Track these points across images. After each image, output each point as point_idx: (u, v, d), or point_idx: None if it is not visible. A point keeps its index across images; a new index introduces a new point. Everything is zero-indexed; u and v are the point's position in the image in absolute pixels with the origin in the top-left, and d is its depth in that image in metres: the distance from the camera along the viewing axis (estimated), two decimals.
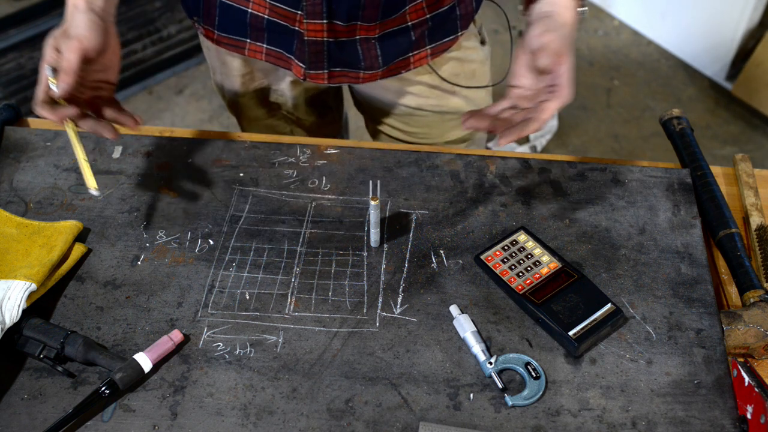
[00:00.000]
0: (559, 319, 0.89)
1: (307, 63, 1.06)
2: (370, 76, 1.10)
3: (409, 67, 1.11)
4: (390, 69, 1.10)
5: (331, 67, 1.07)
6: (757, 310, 0.91)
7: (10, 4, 2.77)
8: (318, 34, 1.02)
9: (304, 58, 1.05)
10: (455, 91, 1.21)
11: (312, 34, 1.02)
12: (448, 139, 1.28)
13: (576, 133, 2.54)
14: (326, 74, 1.08)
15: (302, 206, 1.04)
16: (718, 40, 2.60)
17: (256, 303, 0.93)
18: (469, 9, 1.12)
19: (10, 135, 1.12)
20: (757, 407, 0.80)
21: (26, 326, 0.88)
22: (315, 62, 1.06)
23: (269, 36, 1.07)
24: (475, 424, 0.83)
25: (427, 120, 1.24)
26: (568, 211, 1.03)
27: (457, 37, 1.12)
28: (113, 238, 1.00)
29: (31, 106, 0.95)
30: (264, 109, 1.30)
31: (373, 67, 1.08)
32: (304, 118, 1.33)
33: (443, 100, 1.21)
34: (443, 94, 1.20)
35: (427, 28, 1.07)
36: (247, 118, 1.32)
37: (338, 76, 1.09)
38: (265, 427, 0.83)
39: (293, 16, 1.01)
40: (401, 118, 1.25)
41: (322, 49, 1.04)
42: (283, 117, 1.32)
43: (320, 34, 1.02)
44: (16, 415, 0.83)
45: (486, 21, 1.25)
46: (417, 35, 1.08)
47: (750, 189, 1.08)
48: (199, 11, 1.10)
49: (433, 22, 1.07)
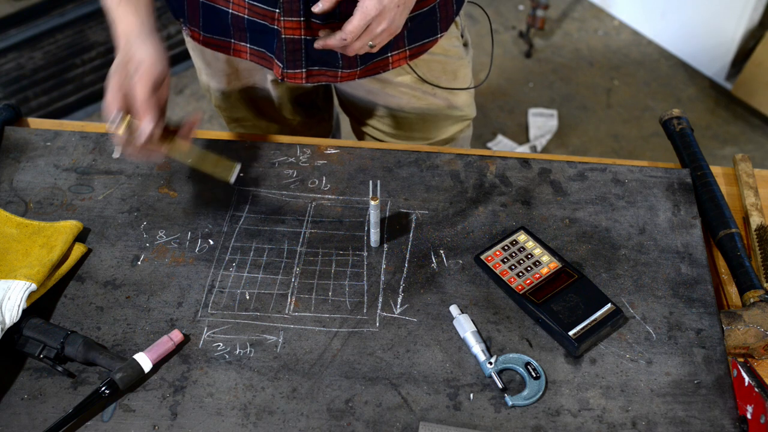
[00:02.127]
0: (559, 319, 0.89)
1: (285, 62, 1.05)
2: (348, 75, 1.09)
3: (388, 68, 1.11)
4: (368, 68, 1.10)
5: (308, 65, 1.06)
6: (757, 310, 0.91)
7: (10, 4, 2.77)
8: (295, 32, 1.01)
9: (282, 57, 1.05)
10: (436, 92, 1.20)
11: (289, 32, 1.01)
12: (432, 140, 1.28)
13: (576, 133, 2.54)
14: (304, 73, 1.07)
15: (302, 206, 1.04)
16: (718, 40, 2.60)
17: (256, 303, 0.93)
18: (450, 11, 1.11)
19: (10, 135, 1.12)
20: (757, 407, 0.80)
21: (26, 326, 0.88)
22: (292, 61, 1.05)
23: (251, 36, 1.06)
24: (475, 424, 0.83)
25: (409, 121, 1.24)
26: (568, 211, 1.03)
27: (437, 38, 1.12)
28: (113, 238, 1.00)
29: (109, 147, 0.88)
30: (251, 110, 1.30)
31: (351, 66, 1.08)
32: (291, 118, 1.32)
33: (424, 101, 1.21)
34: (424, 95, 1.20)
35: (406, 29, 1.07)
36: (234, 118, 1.32)
37: (316, 74, 1.08)
38: (265, 427, 0.83)
39: (271, 14, 1.01)
40: (383, 119, 1.25)
41: (300, 47, 1.03)
42: (270, 116, 1.31)
43: (297, 32, 1.01)
44: (16, 415, 0.83)
45: (484, 22, 1.25)
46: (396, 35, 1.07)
47: (750, 189, 1.08)
48: (184, 12, 1.10)
49: (412, 23, 1.06)
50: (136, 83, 0.86)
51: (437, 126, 1.26)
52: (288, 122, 1.33)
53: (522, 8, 2.99)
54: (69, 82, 2.62)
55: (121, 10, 0.90)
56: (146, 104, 0.85)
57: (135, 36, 0.88)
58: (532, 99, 2.64)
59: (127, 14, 0.90)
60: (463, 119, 1.28)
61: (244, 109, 1.29)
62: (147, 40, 0.88)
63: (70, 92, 2.60)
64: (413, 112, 1.22)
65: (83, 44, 2.71)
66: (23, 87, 2.58)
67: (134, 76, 0.86)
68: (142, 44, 0.88)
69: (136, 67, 0.86)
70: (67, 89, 2.60)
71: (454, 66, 1.20)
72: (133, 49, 0.88)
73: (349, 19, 0.92)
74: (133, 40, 0.88)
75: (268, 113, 1.31)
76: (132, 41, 0.88)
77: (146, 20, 0.91)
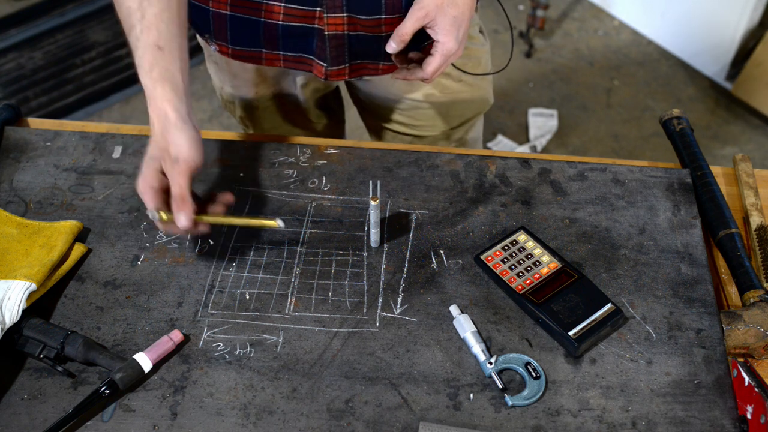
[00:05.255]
0: (559, 319, 0.89)
1: (329, 60, 1.05)
2: (389, 67, 1.10)
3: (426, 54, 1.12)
4: None
5: (351, 60, 1.07)
6: (757, 310, 0.91)
7: (10, 4, 2.77)
8: (339, 28, 1.02)
9: (325, 56, 1.05)
10: (462, 79, 1.21)
11: (332, 28, 1.02)
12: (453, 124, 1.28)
13: (576, 133, 2.54)
14: (347, 68, 1.08)
15: (302, 206, 1.04)
16: (718, 40, 2.60)
17: (256, 303, 0.93)
18: None
19: (10, 135, 1.12)
20: (757, 407, 0.80)
21: (26, 326, 0.88)
22: (336, 57, 1.05)
23: (284, 42, 1.06)
24: (475, 424, 0.83)
25: (432, 112, 1.24)
26: (568, 211, 1.03)
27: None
28: (113, 238, 1.00)
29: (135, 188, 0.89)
30: (279, 116, 1.30)
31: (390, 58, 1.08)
32: (316, 121, 1.33)
33: (450, 90, 1.22)
34: (451, 83, 1.21)
35: None
36: (265, 128, 1.32)
37: (359, 69, 1.09)
38: (265, 427, 0.83)
39: (312, 13, 1.01)
40: (406, 112, 1.25)
41: (343, 42, 1.04)
42: (298, 122, 1.32)
43: (341, 27, 1.02)
44: (16, 415, 0.83)
45: (486, 21, 1.26)
46: None
47: (750, 189, 1.08)
48: (210, 28, 1.08)
49: None
50: (175, 177, 0.86)
51: (461, 114, 1.27)
52: (313, 126, 1.34)
53: (522, 8, 2.99)
54: (69, 82, 2.62)
55: (159, 90, 0.86)
56: (184, 199, 0.86)
57: (172, 123, 0.86)
58: (532, 99, 2.64)
59: (164, 94, 0.86)
60: (484, 105, 1.29)
61: (273, 117, 1.29)
62: (184, 128, 0.86)
63: (70, 92, 2.60)
64: (440, 101, 1.23)
65: (83, 44, 2.71)
66: (23, 87, 2.58)
67: (173, 169, 0.86)
68: (180, 133, 0.86)
69: (174, 160, 0.86)
70: (67, 89, 2.60)
71: (478, 52, 1.21)
72: (170, 139, 0.86)
73: (429, 61, 0.96)
74: (170, 127, 0.86)
75: (295, 119, 1.31)
76: (169, 129, 0.86)
77: (183, 101, 0.88)
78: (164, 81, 0.87)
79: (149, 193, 0.87)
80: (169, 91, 0.87)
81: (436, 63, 0.96)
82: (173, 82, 0.87)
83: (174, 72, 0.88)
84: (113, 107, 2.61)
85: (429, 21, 0.94)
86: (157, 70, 0.87)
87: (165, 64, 0.87)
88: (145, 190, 0.87)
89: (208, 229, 0.92)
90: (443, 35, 0.94)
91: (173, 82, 0.87)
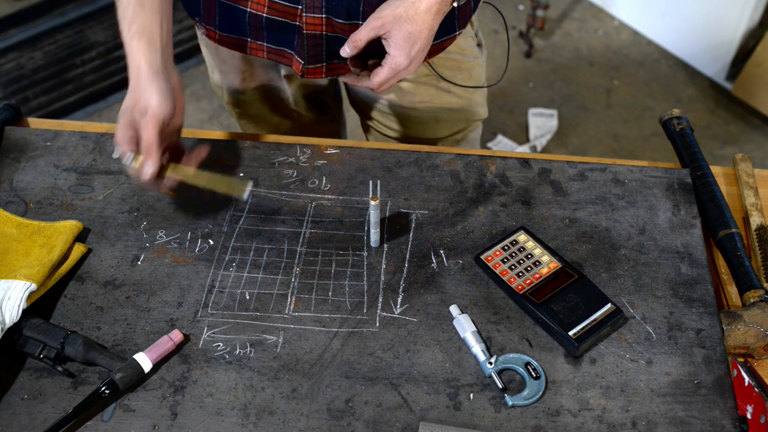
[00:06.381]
0: (559, 319, 0.89)
1: (306, 57, 1.06)
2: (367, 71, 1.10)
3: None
4: None
5: (329, 60, 1.08)
6: (757, 310, 0.91)
7: (10, 4, 2.77)
8: (317, 28, 1.03)
9: (303, 53, 1.06)
10: (452, 90, 1.21)
11: (311, 27, 1.03)
12: (443, 137, 1.28)
13: (576, 133, 2.54)
14: (324, 67, 1.08)
15: (302, 206, 1.04)
16: (718, 40, 2.60)
17: (256, 303, 0.93)
18: (468, 9, 1.12)
19: (10, 135, 1.12)
20: (757, 407, 0.80)
21: (26, 326, 0.88)
22: (314, 56, 1.06)
23: (268, 34, 1.07)
24: (475, 424, 0.83)
25: (422, 119, 1.24)
26: (568, 211, 1.03)
27: (455, 36, 1.12)
28: (113, 238, 1.00)
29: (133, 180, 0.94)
30: (265, 106, 1.31)
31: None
32: (305, 114, 1.33)
33: (439, 99, 1.22)
34: (440, 92, 1.21)
35: None
36: (249, 116, 1.33)
37: (336, 69, 1.09)
38: (265, 427, 0.83)
39: (293, 11, 1.02)
40: (396, 117, 1.25)
41: (321, 42, 1.05)
42: (284, 113, 1.32)
43: (319, 28, 1.03)
44: (16, 415, 0.83)
45: (486, 21, 1.26)
46: None
47: (750, 189, 1.08)
48: (200, 11, 1.11)
49: None
50: (143, 127, 0.89)
51: (450, 125, 1.27)
52: (301, 118, 1.34)
53: (522, 8, 2.99)
54: (69, 82, 2.62)
55: (134, 44, 0.90)
56: (150, 148, 0.89)
57: (144, 75, 0.89)
58: (532, 99, 2.64)
59: (140, 48, 0.90)
60: (474, 119, 1.29)
61: (258, 105, 1.30)
62: (155, 80, 0.89)
63: (70, 92, 2.60)
64: (428, 110, 1.23)
65: (83, 44, 2.71)
66: (23, 87, 2.58)
67: (141, 119, 0.89)
68: (150, 85, 0.89)
69: (143, 111, 0.89)
70: (67, 89, 2.60)
71: (469, 65, 1.21)
72: (140, 90, 0.89)
73: (377, 71, 0.95)
74: (141, 79, 0.90)
75: (282, 110, 1.32)
76: (140, 80, 0.90)
77: (159, 53, 0.91)
78: (141, 35, 0.90)
79: (124, 141, 0.90)
80: (144, 45, 0.90)
81: (384, 75, 0.95)
82: (150, 37, 0.91)
83: (152, 26, 0.91)
84: (113, 107, 2.61)
85: (384, 32, 0.93)
86: (135, 26, 0.91)
87: (143, 19, 0.91)
88: (121, 140, 0.90)
89: (173, 184, 0.93)
90: (395, 49, 0.93)
91: (150, 36, 0.91)
